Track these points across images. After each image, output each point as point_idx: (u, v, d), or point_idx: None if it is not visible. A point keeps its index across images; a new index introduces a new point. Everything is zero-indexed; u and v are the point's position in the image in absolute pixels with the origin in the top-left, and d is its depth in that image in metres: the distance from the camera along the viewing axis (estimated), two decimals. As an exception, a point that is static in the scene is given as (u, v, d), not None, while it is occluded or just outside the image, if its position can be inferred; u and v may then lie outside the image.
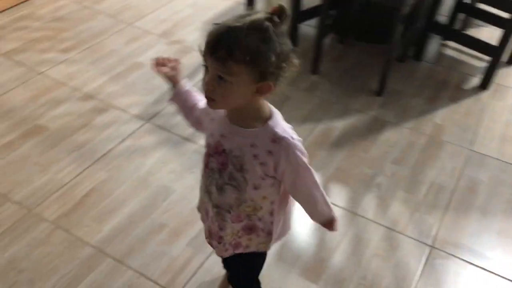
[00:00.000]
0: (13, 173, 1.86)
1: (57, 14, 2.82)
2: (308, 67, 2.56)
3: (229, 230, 1.15)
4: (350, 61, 2.67)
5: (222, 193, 1.08)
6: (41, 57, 2.47)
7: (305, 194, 1.12)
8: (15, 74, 2.34)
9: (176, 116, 2.19)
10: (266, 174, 1.04)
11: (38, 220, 1.70)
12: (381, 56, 2.41)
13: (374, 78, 2.49)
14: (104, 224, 1.71)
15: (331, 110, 2.32)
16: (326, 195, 1.15)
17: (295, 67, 0.97)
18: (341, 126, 2.23)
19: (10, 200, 1.76)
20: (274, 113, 1.02)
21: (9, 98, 2.20)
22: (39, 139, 2.02)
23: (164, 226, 1.73)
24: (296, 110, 2.30)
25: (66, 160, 1.94)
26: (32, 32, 2.64)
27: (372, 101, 2.39)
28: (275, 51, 0.90)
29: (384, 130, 2.22)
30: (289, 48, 0.94)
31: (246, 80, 0.92)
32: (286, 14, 0.92)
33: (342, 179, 1.97)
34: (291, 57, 0.95)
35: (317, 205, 1.14)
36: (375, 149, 2.12)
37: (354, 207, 1.86)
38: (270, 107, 1.03)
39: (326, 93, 2.42)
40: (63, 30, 2.69)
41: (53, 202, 1.77)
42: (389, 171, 2.02)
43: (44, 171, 1.88)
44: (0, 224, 1.67)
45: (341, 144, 2.14)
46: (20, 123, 2.09)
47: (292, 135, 1.02)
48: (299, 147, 1.03)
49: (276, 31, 0.91)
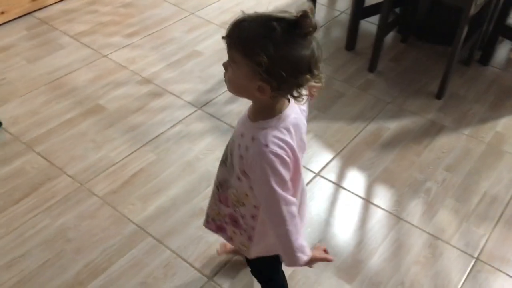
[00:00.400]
0: (71, 149, 1.97)
1: (126, 0, 2.94)
2: (365, 65, 2.50)
3: (215, 207, 1.20)
4: (410, 61, 2.57)
5: (220, 167, 1.15)
6: (107, 41, 2.59)
7: (267, 217, 1.03)
8: (82, 55, 2.47)
9: (227, 105, 2.23)
10: (243, 170, 1.01)
11: (89, 195, 1.79)
12: (444, 58, 2.31)
13: (434, 81, 2.39)
14: (148, 204, 1.77)
15: (384, 110, 2.25)
16: (296, 240, 1.00)
17: (309, 83, 0.91)
18: (394, 127, 2.17)
19: (66, 173, 1.87)
20: (278, 118, 0.97)
21: (74, 78, 2.33)
22: (97, 118, 2.13)
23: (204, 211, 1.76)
24: (349, 107, 2.25)
25: (120, 140, 2.03)
26: (101, 16, 2.77)
27: (430, 104, 2.30)
28: (269, 52, 0.85)
29: (440, 135, 2.13)
30: (297, 60, 0.87)
31: (246, 72, 0.90)
32: (307, 23, 0.85)
33: (389, 181, 1.91)
34: (299, 71, 0.88)
35: (277, 241, 1.02)
36: (428, 153, 2.04)
37: (399, 211, 1.80)
38: (285, 112, 0.98)
39: (381, 92, 2.36)
40: (129, 16, 2.80)
41: (103, 178, 1.86)
42: (440, 178, 1.93)
43: (98, 149, 1.98)
44: (54, 194, 1.78)
45: (392, 146, 2.07)
46: (82, 101, 2.20)
47: (270, 144, 0.94)
48: (268, 159, 0.94)
49: (286, 35, 0.86)
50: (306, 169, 1.95)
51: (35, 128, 2.04)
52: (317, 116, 2.20)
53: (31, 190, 1.79)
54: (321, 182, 1.90)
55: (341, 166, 1.98)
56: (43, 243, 1.62)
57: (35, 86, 2.25)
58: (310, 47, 0.88)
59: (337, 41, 2.70)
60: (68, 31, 2.63)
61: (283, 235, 1.00)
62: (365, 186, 1.90)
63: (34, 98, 2.19)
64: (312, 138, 2.09)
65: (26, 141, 1.98)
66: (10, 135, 2.00)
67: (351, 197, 1.86)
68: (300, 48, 0.87)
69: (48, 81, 2.29)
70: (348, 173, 1.96)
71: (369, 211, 1.81)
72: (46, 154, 1.93)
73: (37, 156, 1.92)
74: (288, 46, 0.87)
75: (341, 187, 1.89)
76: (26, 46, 2.49)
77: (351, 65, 2.53)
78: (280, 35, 0.86)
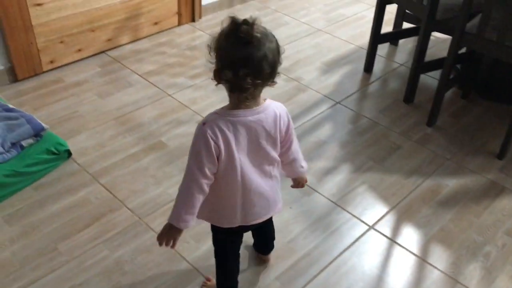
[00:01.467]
0: (132, 182, 2.06)
1: (192, 43, 3.09)
2: (423, 119, 2.49)
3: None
4: (471, 118, 2.54)
5: None
6: (172, 81, 2.72)
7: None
8: (148, 94, 2.61)
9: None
10: None
11: (146, 229, 1.86)
12: (506, 116, 2.27)
13: (495, 140, 2.35)
14: (202, 243, 1.81)
15: (443, 166, 2.22)
16: (181, 208, 1.25)
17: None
18: (452, 185, 2.12)
19: (126, 206, 1.95)
20: (230, 112, 1.19)
21: (140, 114, 2.46)
22: (159, 154, 2.22)
23: (253, 253, 1.78)
24: (405, 160, 2.24)
25: (178, 177, 2.08)
26: (168, 58, 2.93)
27: (490, 164, 2.24)
28: (215, 49, 1.14)
29: (501, 197, 2.07)
30: (231, 57, 1.10)
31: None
32: (243, 30, 1.08)
33: (446, 242, 1.86)
34: (233, 68, 1.10)
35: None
36: (488, 215, 1.98)
37: (456, 274, 1.74)
38: (240, 111, 1.19)
39: (439, 148, 2.33)
40: (194, 58, 2.94)
41: (161, 214, 1.92)
42: (500, 242, 1.87)
43: (158, 184, 2.06)
44: (114, 226, 1.86)
45: (450, 204, 2.03)
46: (146, 137, 2.31)
47: (207, 124, 1.17)
48: (197, 134, 1.18)
49: (229, 36, 1.10)
50: (360, 220, 1.93)
51: (101, 160, 2.16)
52: (372, 167, 2.19)
53: (93, 221, 1.87)
54: (375, 235, 1.88)
55: (396, 221, 1.95)
56: (101, 274, 1.69)
57: (104, 121, 2.39)
58: (247, 50, 1.08)
59: (395, 93, 2.70)
60: (137, 70, 2.79)
61: (177, 195, 1.27)
62: (421, 244, 1.86)
63: (103, 131, 2.32)
64: (366, 189, 2.08)
65: (92, 172, 2.09)
66: (78, 166, 2.12)
67: (405, 254, 1.82)
68: (235, 49, 1.10)
69: (116, 116, 2.42)
70: (403, 228, 1.93)
71: (424, 271, 1.76)
72: (110, 186, 2.03)
73: (101, 187, 2.02)
74: (228, 45, 1.11)
75: (395, 242, 1.86)
76: (98, 82, 2.66)
77: (409, 118, 2.52)
78: (224, 36, 1.11)
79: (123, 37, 2.97)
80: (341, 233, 1.88)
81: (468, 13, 2.16)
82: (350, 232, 1.89)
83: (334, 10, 3.62)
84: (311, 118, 2.50)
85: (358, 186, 2.10)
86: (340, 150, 2.30)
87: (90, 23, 2.76)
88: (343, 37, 3.25)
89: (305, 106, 2.58)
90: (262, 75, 1.12)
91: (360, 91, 2.73)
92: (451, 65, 2.32)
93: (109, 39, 2.90)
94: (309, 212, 1.97)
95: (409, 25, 3.02)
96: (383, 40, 2.90)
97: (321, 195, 2.05)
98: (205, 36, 3.17)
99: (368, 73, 2.89)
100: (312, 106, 2.59)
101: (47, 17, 2.56)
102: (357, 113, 2.55)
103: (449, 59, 2.30)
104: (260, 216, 1.38)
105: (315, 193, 2.06)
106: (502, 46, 2.09)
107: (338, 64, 2.96)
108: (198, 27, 3.27)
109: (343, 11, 3.61)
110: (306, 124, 2.46)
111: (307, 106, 2.58)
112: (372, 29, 2.78)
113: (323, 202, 2.02)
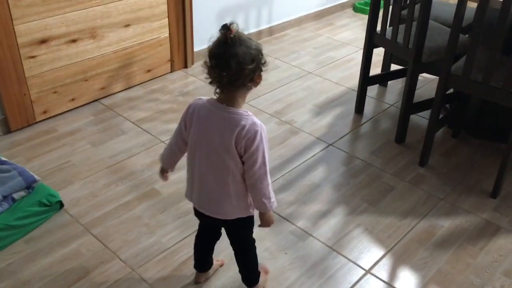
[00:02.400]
0: (125, 232, 2.04)
1: (185, 89, 3.14)
2: (415, 159, 2.50)
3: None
4: (463, 157, 2.55)
5: None
6: (165, 127, 2.74)
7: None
8: (141, 141, 2.62)
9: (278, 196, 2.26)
10: None
11: (139, 281, 1.82)
12: (497, 154, 2.29)
13: (488, 178, 2.36)
14: (196, 294, 1.77)
15: (437, 207, 2.21)
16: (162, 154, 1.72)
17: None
18: (448, 225, 2.11)
19: (118, 257, 1.92)
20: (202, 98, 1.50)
21: (133, 162, 2.46)
22: (152, 202, 2.20)
23: (252, 305, 1.74)
24: (399, 201, 2.23)
25: (172, 226, 2.08)
26: (161, 104, 2.96)
27: (484, 203, 2.24)
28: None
29: (496, 237, 2.06)
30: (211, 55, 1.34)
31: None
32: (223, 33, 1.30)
33: (444, 284, 1.84)
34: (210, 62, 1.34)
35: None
36: (484, 256, 1.96)
37: (455, 318, 1.71)
38: (204, 98, 1.50)
39: (432, 188, 2.33)
40: (187, 104, 2.96)
41: (154, 264, 1.89)
42: (498, 283, 1.84)
43: (151, 234, 2.03)
44: (106, 279, 1.82)
45: (446, 246, 2.01)
46: (139, 185, 2.31)
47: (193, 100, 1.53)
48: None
49: (219, 38, 1.32)
50: (356, 265, 1.91)
51: (94, 210, 2.14)
52: (366, 209, 2.19)
53: (85, 273, 1.84)
54: (372, 280, 1.85)
55: (392, 264, 1.93)
56: (93, 330, 1.64)
57: (97, 169, 2.39)
58: (222, 48, 1.30)
59: (387, 134, 2.73)
60: (130, 117, 2.81)
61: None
62: (419, 287, 1.84)
63: (95, 181, 2.31)
64: (362, 232, 2.06)
65: (84, 223, 2.07)
66: (70, 217, 2.10)
67: (403, 299, 1.79)
68: (215, 47, 1.33)
69: (109, 165, 2.42)
70: (400, 272, 1.90)
71: (423, 316, 1.73)
72: (102, 237, 2.00)
73: (93, 238, 2.00)
74: (212, 45, 1.34)
75: (393, 287, 1.83)
76: (91, 131, 2.68)
77: (401, 158, 2.53)
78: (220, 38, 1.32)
79: (116, 85, 3.01)
80: (337, 278, 1.86)
81: (453, 55, 2.21)
82: (347, 278, 1.86)
83: (323, 53, 3.70)
84: (304, 161, 2.51)
85: (353, 229, 2.09)
86: (334, 193, 2.29)
87: (84, 73, 2.80)
88: (334, 80, 3.31)
89: (298, 149, 2.59)
90: (229, 69, 1.30)
91: (352, 133, 2.76)
92: (440, 105, 2.36)
93: (102, 88, 2.94)
94: (305, 258, 1.94)
95: (398, 67, 3.09)
96: (372, 82, 2.96)
97: (316, 239, 2.03)
98: (198, 81, 3.22)
99: (359, 115, 2.92)
100: (304, 148, 2.61)
101: (41, 69, 2.61)
102: (350, 154, 2.57)
103: (437, 100, 2.34)
104: (201, 206, 1.55)
105: (310, 237, 2.04)
106: (487, 87, 2.14)
107: (330, 106, 3.00)
108: (190, 73, 3.33)
109: (333, 53, 3.69)
110: (299, 167, 2.47)
111: (300, 149, 2.60)
112: (361, 72, 2.84)
113: (318, 246, 2.00)
